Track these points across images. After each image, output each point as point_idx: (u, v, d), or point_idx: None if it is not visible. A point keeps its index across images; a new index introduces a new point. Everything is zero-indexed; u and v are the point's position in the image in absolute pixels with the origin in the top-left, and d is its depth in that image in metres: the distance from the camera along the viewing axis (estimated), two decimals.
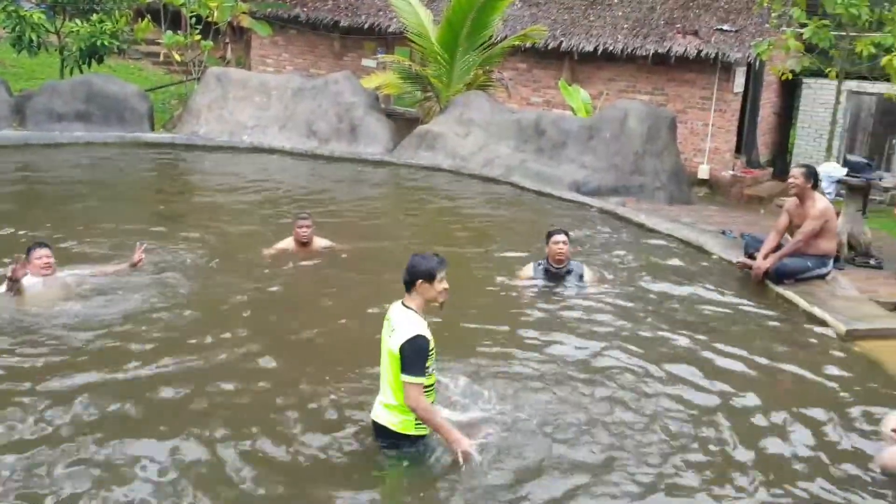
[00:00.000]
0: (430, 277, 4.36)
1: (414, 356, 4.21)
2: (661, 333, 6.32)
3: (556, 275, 7.11)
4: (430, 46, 14.35)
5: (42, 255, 6.39)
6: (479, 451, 4.30)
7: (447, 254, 4.55)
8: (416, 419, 4.35)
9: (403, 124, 15.66)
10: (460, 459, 4.22)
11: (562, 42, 16.16)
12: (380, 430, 4.47)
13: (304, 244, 7.77)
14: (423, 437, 4.43)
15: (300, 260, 7.69)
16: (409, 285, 4.40)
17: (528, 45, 15.57)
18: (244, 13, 17.01)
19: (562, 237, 7.06)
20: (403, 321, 4.31)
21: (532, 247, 8.07)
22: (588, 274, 7.28)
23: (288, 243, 7.84)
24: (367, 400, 4.83)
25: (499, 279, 7.41)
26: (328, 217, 9.47)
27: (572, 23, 16.56)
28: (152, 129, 13.72)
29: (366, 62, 18.25)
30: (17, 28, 13.54)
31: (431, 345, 4.30)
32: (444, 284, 4.41)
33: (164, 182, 11.93)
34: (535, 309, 6.74)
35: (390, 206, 11.17)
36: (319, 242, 7.95)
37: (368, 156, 13.35)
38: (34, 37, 13.63)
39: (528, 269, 7.23)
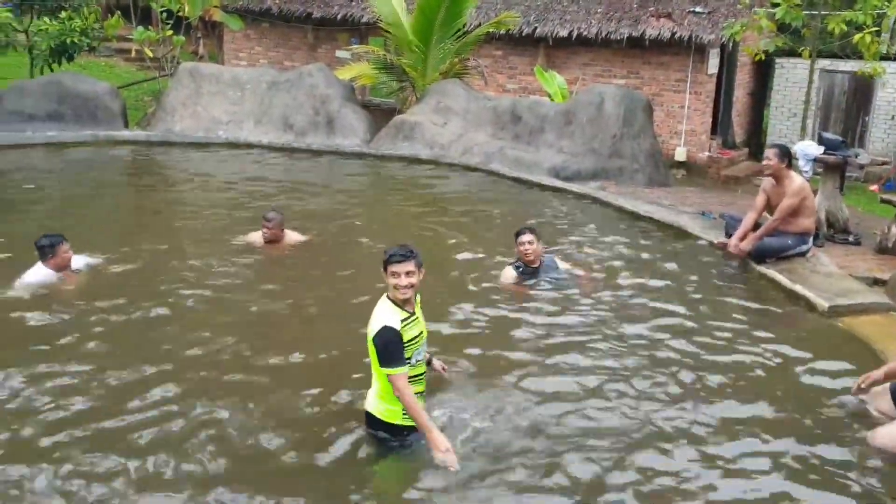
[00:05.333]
0: (383, 269, 4.32)
1: (384, 348, 4.20)
2: (645, 317, 6.34)
3: (532, 273, 6.94)
4: (404, 36, 14.30)
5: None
6: (456, 454, 4.23)
7: (426, 246, 4.49)
8: (402, 409, 4.34)
9: (380, 115, 15.61)
10: (438, 460, 4.20)
11: (536, 28, 16.18)
12: (369, 419, 4.48)
13: (270, 241, 7.72)
14: (411, 427, 4.41)
15: (268, 255, 7.66)
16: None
17: (503, 31, 15.56)
18: (216, 7, 16.83)
19: (528, 237, 6.86)
20: (376, 312, 4.31)
21: (510, 237, 8.01)
22: (563, 265, 7.20)
23: (257, 237, 7.80)
24: (355, 389, 4.87)
25: (478, 275, 7.32)
26: (305, 211, 9.43)
27: (546, 8, 16.57)
28: (126, 126, 13.55)
29: (340, 53, 18.15)
30: None
31: (411, 335, 4.27)
32: (398, 280, 4.25)
33: (140, 180, 11.78)
34: (519, 308, 6.56)
35: (368, 198, 11.07)
36: (291, 237, 7.90)
37: (346, 148, 13.26)
38: (1, 36, 13.40)
39: (508, 273, 7.00)
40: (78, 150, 12.38)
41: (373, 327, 4.27)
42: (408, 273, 4.28)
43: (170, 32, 15.14)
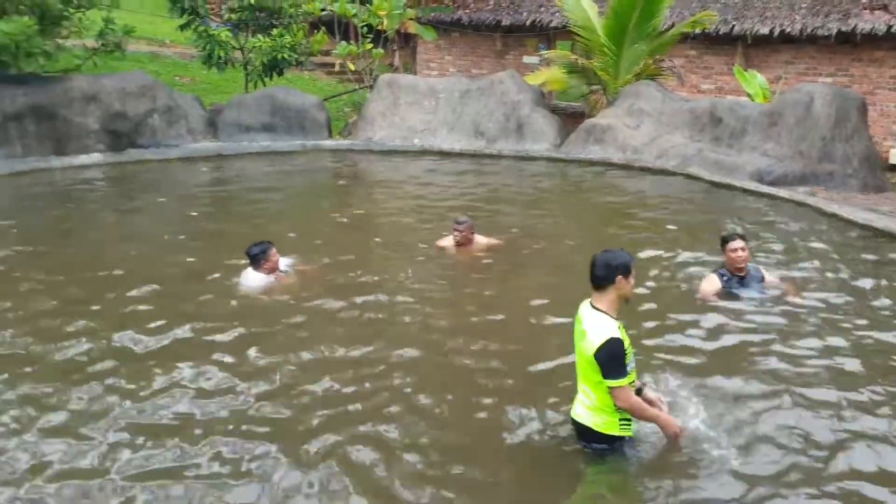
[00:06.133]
0: (627, 271, 4.26)
1: (611, 360, 4.15)
2: (868, 339, 5.92)
3: (738, 282, 6.65)
4: (596, 39, 14.20)
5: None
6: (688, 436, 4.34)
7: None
8: (619, 420, 4.32)
9: (566, 119, 15.58)
10: (672, 438, 4.31)
11: (734, 26, 15.52)
12: (582, 430, 4.44)
13: (461, 245, 7.93)
14: (625, 437, 4.39)
15: (460, 259, 7.87)
16: (605, 282, 4.26)
17: (698, 31, 15.06)
18: (411, 20, 17.49)
19: (739, 243, 6.59)
20: (594, 325, 4.23)
21: (713, 245, 7.63)
22: (768, 276, 6.86)
23: (449, 241, 8.05)
24: (551, 396, 4.94)
25: (676, 284, 7.15)
26: (495, 215, 9.61)
27: (745, 5, 15.86)
28: (330, 136, 14.38)
29: (527, 59, 18.31)
30: (207, 46, 14.58)
31: (626, 343, 4.23)
32: (631, 285, 4.34)
33: (342, 186, 12.49)
34: (727, 320, 6.30)
35: (559, 202, 11.08)
36: (481, 242, 8.06)
37: (536, 153, 13.36)
38: (222, 54, 14.62)
39: (713, 281, 6.71)
40: (288, 158, 13.30)
41: (595, 340, 4.18)
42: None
43: (370, 46, 15.89)
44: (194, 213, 9.94)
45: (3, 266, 7.50)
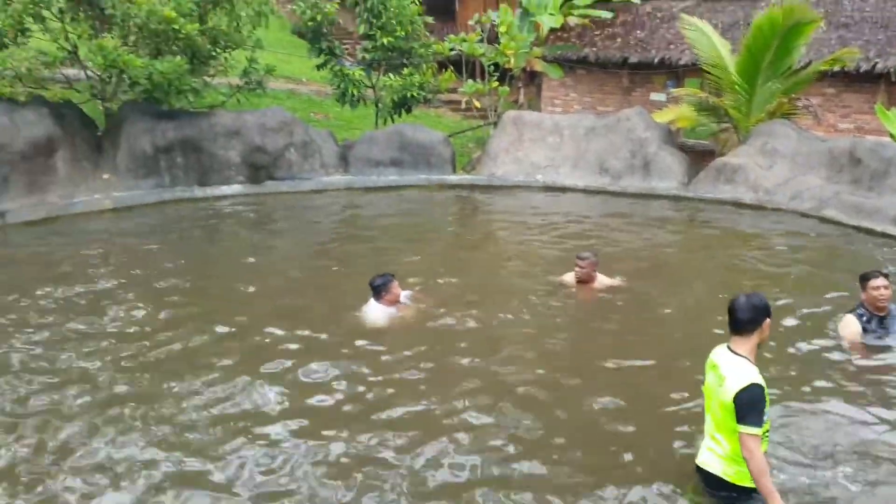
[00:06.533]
0: (770, 314, 4.20)
1: (750, 406, 4.03)
2: None
3: (879, 323, 6.40)
4: (728, 76, 13.91)
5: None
6: None
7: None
8: None
9: (694, 157, 15.25)
10: None
11: (877, 63, 14.86)
12: (710, 479, 4.34)
13: (582, 281, 7.86)
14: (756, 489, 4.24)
15: (579, 296, 7.80)
16: (752, 325, 4.17)
17: (837, 68, 14.50)
18: (537, 58, 17.67)
19: (882, 280, 6.39)
20: (735, 369, 4.13)
21: (850, 289, 7.31)
22: None
23: (570, 277, 8.01)
24: (672, 443, 4.84)
25: (813, 329, 6.85)
26: (618, 255, 9.48)
27: (889, 42, 15.18)
28: (454, 171, 14.65)
29: (654, 96, 18.10)
30: (342, 85, 15.22)
31: (765, 391, 4.11)
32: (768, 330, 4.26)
33: (464, 219, 12.68)
34: (881, 364, 6.07)
35: (686, 243, 10.80)
36: (603, 281, 7.96)
37: (662, 191, 13.15)
38: (355, 92, 15.22)
39: (853, 323, 6.47)
40: (413, 192, 13.66)
41: (735, 384, 4.08)
42: None
43: (496, 84, 16.15)
44: (324, 243, 10.37)
45: (154, 283, 8.13)
